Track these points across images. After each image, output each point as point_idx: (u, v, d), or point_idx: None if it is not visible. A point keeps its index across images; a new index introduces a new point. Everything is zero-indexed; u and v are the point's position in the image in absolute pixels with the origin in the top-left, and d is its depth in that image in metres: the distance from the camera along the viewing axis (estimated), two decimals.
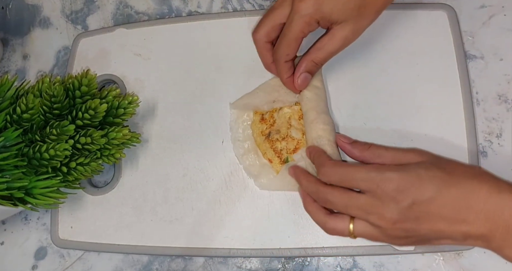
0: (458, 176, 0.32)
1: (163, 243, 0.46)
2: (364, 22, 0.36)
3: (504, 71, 0.44)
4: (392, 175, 0.32)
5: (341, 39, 0.36)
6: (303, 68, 0.39)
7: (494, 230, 0.31)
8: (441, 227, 0.32)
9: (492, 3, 0.46)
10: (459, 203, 0.31)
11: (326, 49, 0.37)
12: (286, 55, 0.38)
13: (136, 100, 0.46)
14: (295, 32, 0.36)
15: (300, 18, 0.35)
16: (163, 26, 0.52)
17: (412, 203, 0.32)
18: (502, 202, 0.30)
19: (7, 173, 0.40)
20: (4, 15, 0.59)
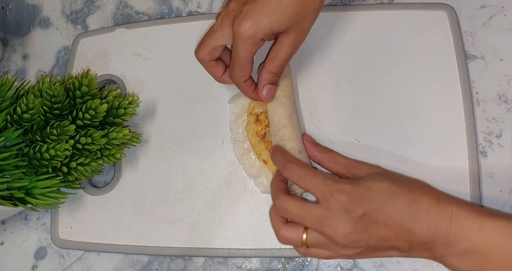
0: (403, 187, 0.34)
1: (163, 243, 0.46)
2: (306, 23, 0.37)
3: (504, 71, 0.44)
4: (345, 186, 0.34)
5: (290, 45, 0.37)
6: (264, 81, 0.40)
7: (436, 240, 0.32)
8: (388, 236, 0.33)
9: (492, 3, 0.46)
10: (404, 212, 0.33)
11: (279, 57, 0.38)
12: (242, 76, 0.39)
13: (137, 101, 0.46)
14: (244, 55, 0.37)
15: (244, 41, 0.36)
16: (163, 26, 0.52)
17: (363, 213, 0.33)
18: (441, 211, 0.32)
19: (8, 173, 0.40)
20: (4, 15, 0.59)
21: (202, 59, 0.41)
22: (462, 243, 0.31)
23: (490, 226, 0.31)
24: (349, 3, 0.49)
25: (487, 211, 0.33)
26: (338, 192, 0.33)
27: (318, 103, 0.46)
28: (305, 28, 0.38)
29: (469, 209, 0.32)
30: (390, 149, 0.43)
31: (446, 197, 0.34)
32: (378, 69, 0.46)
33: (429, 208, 0.33)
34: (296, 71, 0.47)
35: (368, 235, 0.33)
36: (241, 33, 0.36)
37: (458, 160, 0.42)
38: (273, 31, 0.36)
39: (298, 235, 0.35)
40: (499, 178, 0.42)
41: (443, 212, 0.32)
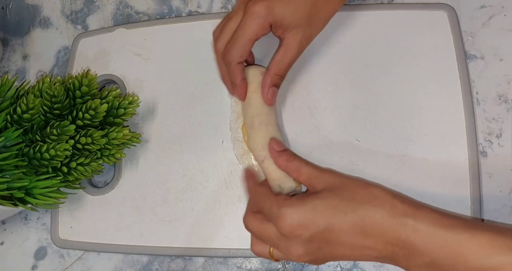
0: (353, 202, 0.32)
1: (163, 243, 0.46)
2: (314, 30, 0.38)
3: (504, 71, 0.44)
4: (286, 211, 0.33)
5: (296, 46, 0.37)
6: (269, 83, 0.39)
7: (396, 252, 0.31)
8: (344, 253, 0.33)
9: (492, 3, 0.46)
10: (355, 229, 0.32)
11: (285, 59, 0.38)
12: (239, 56, 0.38)
13: (137, 101, 0.46)
14: (249, 33, 0.36)
15: (254, 20, 0.36)
16: (163, 26, 0.52)
17: (310, 236, 0.32)
18: (397, 225, 0.31)
19: (8, 173, 0.40)
20: (4, 15, 0.59)
21: (218, 49, 0.40)
22: (425, 257, 0.30)
23: (454, 241, 0.30)
24: (349, 3, 0.49)
25: (448, 221, 0.31)
26: (280, 217, 0.33)
27: (318, 103, 0.46)
28: (311, 34, 0.38)
29: (427, 220, 0.31)
30: (390, 149, 0.43)
31: (403, 206, 0.32)
32: (378, 69, 0.46)
33: (383, 222, 0.31)
34: (296, 71, 0.47)
35: (323, 254, 0.33)
36: (254, 11, 0.35)
37: (458, 160, 0.42)
38: (284, 22, 0.36)
39: (265, 250, 0.36)
40: (499, 178, 0.42)
41: (398, 226, 0.31)
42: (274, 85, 0.40)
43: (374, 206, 0.32)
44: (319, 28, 0.38)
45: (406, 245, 0.31)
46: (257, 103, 0.41)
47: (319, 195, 0.34)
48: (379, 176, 0.43)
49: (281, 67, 0.39)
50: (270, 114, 0.41)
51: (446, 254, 0.30)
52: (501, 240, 0.29)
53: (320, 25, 0.38)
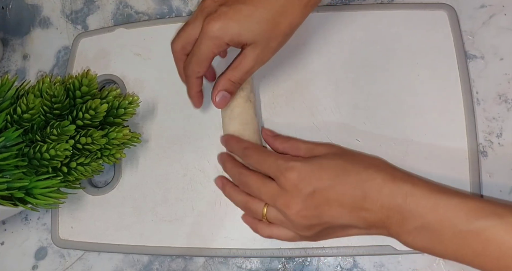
0: (357, 166, 0.34)
1: (163, 243, 0.46)
2: (273, 44, 0.38)
3: (504, 71, 0.44)
4: (295, 164, 0.35)
5: (253, 59, 0.38)
6: (220, 86, 0.40)
7: (391, 217, 0.32)
8: (341, 214, 0.34)
9: (492, 3, 0.46)
10: (357, 190, 0.33)
11: (241, 69, 0.39)
12: (196, 72, 0.39)
13: (137, 101, 0.46)
14: (204, 52, 0.37)
15: (209, 40, 0.36)
16: (163, 26, 0.52)
17: (313, 191, 0.34)
18: (395, 190, 0.32)
19: (8, 173, 0.40)
20: (4, 15, 0.59)
21: (175, 52, 0.41)
22: (416, 221, 0.32)
23: (444, 205, 0.31)
24: (349, 3, 0.49)
25: (443, 189, 0.33)
26: (287, 170, 0.34)
27: (318, 103, 0.46)
28: (271, 48, 0.38)
29: (424, 187, 0.32)
30: (390, 148, 0.43)
31: (402, 175, 0.34)
32: (378, 69, 0.46)
33: (383, 186, 0.33)
34: (296, 71, 0.47)
35: (320, 212, 0.34)
36: (208, 31, 0.36)
37: (458, 160, 0.42)
38: (240, 39, 0.36)
39: (259, 208, 0.37)
40: (499, 178, 0.42)
41: (397, 190, 0.32)
42: (226, 90, 0.40)
43: (376, 171, 0.34)
44: (280, 42, 0.38)
45: (401, 209, 0.32)
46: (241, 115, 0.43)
47: (325, 156, 0.36)
48: None
49: (235, 75, 0.39)
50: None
51: (435, 218, 0.31)
52: (487, 206, 0.31)
53: (280, 39, 0.38)
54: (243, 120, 0.42)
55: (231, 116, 0.43)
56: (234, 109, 0.42)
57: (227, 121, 0.43)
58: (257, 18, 0.36)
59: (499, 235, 0.29)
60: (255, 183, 0.37)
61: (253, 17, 0.36)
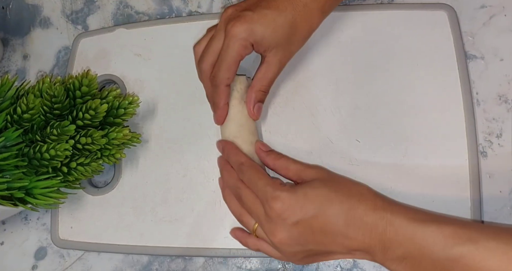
0: (341, 194, 0.34)
1: (163, 243, 0.46)
2: (293, 48, 0.39)
3: (504, 71, 0.44)
4: (280, 194, 0.35)
5: (276, 64, 0.39)
6: (254, 99, 0.41)
7: (373, 246, 0.33)
8: (325, 242, 0.34)
9: (492, 3, 0.46)
10: (339, 219, 0.33)
11: (267, 77, 0.40)
12: (227, 79, 0.39)
13: (137, 101, 0.46)
14: (233, 55, 0.38)
15: (236, 41, 0.37)
16: (163, 26, 0.52)
17: (296, 221, 0.34)
18: (376, 219, 0.33)
19: (8, 173, 0.40)
20: (4, 15, 0.59)
21: (203, 71, 0.41)
22: (397, 250, 0.32)
23: (422, 233, 0.31)
24: (349, 3, 0.49)
25: (422, 216, 0.33)
26: (273, 199, 0.34)
27: (318, 103, 0.46)
28: (291, 52, 0.40)
29: (403, 216, 0.33)
30: (390, 149, 0.43)
31: (383, 203, 0.34)
32: (378, 69, 0.46)
33: (364, 215, 0.33)
34: (296, 71, 0.47)
35: (304, 240, 0.34)
36: (236, 33, 0.37)
37: (458, 160, 0.42)
38: (264, 42, 0.37)
39: (250, 223, 0.38)
40: (499, 178, 0.42)
41: (377, 219, 0.33)
42: (259, 101, 0.41)
43: (358, 200, 0.34)
44: (299, 45, 0.40)
45: (382, 238, 0.32)
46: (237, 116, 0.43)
47: (310, 184, 0.36)
48: (379, 176, 0.43)
49: (264, 84, 0.40)
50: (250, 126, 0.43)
51: (414, 246, 0.31)
52: (462, 232, 0.31)
53: (300, 42, 0.40)
54: (238, 122, 0.42)
55: (226, 118, 0.43)
56: (228, 111, 0.43)
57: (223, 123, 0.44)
58: (281, 23, 0.37)
59: (475, 261, 0.29)
60: (247, 201, 0.37)
61: (276, 21, 0.37)
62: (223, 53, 0.38)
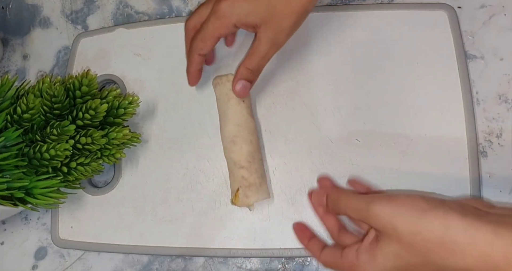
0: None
1: (163, 243, 0.46)
2: (285, 23, 0.36)
3: (504, 71, 0.44)
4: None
5: (267, 42, 0.37)
6: (239, 75, 0.40)
7: None
8: None
9: (492, 3, 0.46)
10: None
11: (257, 54, 0.38)
12: (200, 49, 0.40)
13: (137, 101, 0.46)
14: (210, 31, 0.38)
15: (216, 19, 0.37)
16: (163, 26, 0.52)
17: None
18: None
19: (8, 173, 0.40)
20: (4, 15, 0.59)
21: (186, 29, 0.42)
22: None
23: None
24: (349, 3, 0.49)
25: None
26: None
27: (318, 103, 0.46)
28: (283, 28, 0.37)
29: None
30: (390, 149, 0.43)
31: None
32: (378, 69, 0.46)
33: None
34: (296, 71, 0.47)
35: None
36: (217, 10, 0.36)
37: (458, 160, 0.42)
38: (247, 20, 0.36)
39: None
40: (499, 178, 0.42)
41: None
42: (245, 78, 0.40)
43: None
44: (294, 21, 0.36)
45: None
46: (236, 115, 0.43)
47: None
48: (379, 176, 0.43)
49: (252, 62, 0.39)
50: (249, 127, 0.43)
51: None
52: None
53: (293, 18, 0.36)
54: (237, 122, 0.43)
55: (225, 118, 0.43)
56: (226, 111, 0.43)
57: (222, 124, 0.44)
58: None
59: None
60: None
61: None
62: (204, 25, 0.38)
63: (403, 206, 0.28)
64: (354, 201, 0.32)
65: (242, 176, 0.42)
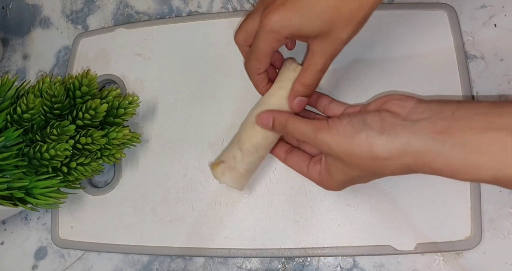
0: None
1: (163, 243, 0.46)
2: (342, 34, 0.34)
3: (504, 71, 0.44)
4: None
5: (321, 54, 0.35)
6: (294, 92, 0.38)
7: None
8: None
9: (492, 3, 0.46)
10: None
11: (312, 68, 0.36)
12: (257, 69, 0.38)
13: (137, 101, 0.46)
14: (263, 48, 0.36)
15: (267, 34, 0.34)
16: (163, 26, 0.52)
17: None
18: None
19: (8, 173, 0.40)
20: (4, 15, 0.59)
21: (238, 44, 0.39)
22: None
23: None
24: None
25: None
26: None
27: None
28: (340, 40, 0.34)
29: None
30: None
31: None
32: (378, 69, 0.46)
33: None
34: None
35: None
36: (266, 25, 0.34)
37: None
38: (301, 33, 0.34)
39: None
40: None
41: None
42: (301, 95, 0.38)
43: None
44: (351, 31, 0.34)
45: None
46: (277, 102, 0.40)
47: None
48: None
49: (308, 77, 0.37)
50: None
51: None
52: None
53: (348, 29, 0.33)
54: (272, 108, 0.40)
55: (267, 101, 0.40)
56: (270, 99, 0.40)
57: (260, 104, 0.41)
58: (319, 8, 0.32)
59: None
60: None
61: (314, 7, 0.32)
62: (255, 43, 0.36)
63: (337, 134, 0.34)
64: (301, 127, 0.36)
65: (235, 156, 0.40)
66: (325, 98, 0.42)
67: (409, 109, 0.33)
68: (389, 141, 0.31)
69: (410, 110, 0.32)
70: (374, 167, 0.33)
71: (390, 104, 0.34)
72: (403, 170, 0.32)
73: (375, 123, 0.33)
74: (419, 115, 0.31)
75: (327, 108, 0.42)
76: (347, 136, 0.33)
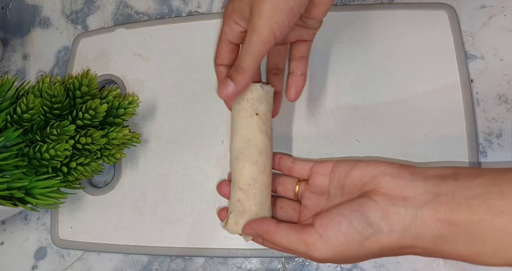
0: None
1: (163, 243, 0.46)
2: (254, 19, 0.32)
3: (504, 71, 0.44)
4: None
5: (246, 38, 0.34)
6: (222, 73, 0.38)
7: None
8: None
9: (492, 3, 0.46)
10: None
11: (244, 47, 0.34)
12: (216, 58, 0.39)
13: (136, 101, 0.46)
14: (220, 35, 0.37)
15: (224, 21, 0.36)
16: (163, 26, 0.52)
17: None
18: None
19: (7, 173, 0.40)
20: (4, 15, 0.59)
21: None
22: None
23: None
24: (349, 3, 0.49)
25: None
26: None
27: (318, 103, 0.46)
28: (255, 27, 0.32)
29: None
30: (390, 149, 0.43)
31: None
32: (378, 69, 0.46)
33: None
34: None
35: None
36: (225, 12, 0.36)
37: (458, 160, 0.42)
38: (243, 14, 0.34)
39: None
40: None
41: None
42: (227, 75, 0.36)
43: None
44: (266, 18, 0.32)
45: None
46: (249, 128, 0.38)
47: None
48: None
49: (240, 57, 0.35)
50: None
51: None
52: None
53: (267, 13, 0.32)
54: (245, 137, 0.38)
55: (233, 131, 0.39)
56: (236, 123, 0.38)
57: (231, 136, 0.39)
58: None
59: None
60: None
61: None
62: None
63: (337, 245, 0.31)
64: (290, 244, 0.33)
65: (239, 199, 0.37)
66: (287, 159, 0.40)
67: (404, 185, 0.31)
68: (399, 237, 0.30)
69: (406, 189, 0.31)
70: (380, 257, 0.32)
71: (382, 182, 0.32)
72: (409, 254, 0.31)
73: (380, 220, 0.30)
74: (419, 198, 0.30)
75: (291, 170, 0.40)
76: (354, 242, 0.31)
